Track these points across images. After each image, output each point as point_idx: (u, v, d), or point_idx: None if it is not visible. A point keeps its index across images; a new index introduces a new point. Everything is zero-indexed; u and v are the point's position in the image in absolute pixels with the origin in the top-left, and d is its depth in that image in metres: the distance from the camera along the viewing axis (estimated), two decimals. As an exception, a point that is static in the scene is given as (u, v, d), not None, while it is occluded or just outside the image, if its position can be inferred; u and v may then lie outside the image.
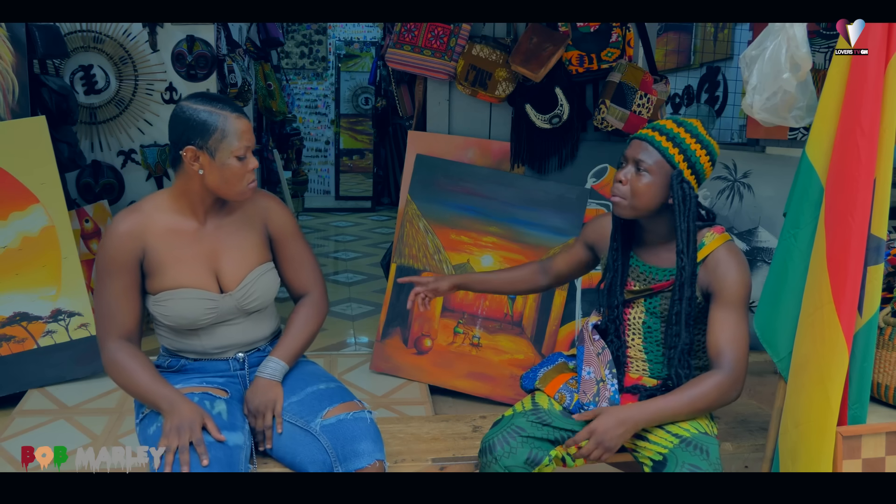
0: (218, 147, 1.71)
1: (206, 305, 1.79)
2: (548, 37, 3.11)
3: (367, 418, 1.78)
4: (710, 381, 1.70)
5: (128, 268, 1.76)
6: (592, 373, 1.84)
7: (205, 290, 1.79)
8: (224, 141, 1.71)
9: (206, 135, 1.70)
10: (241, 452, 1.69)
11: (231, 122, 1.71)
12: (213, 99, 1.75)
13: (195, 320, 1.81)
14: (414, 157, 3.29)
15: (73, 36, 4.15)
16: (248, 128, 1.75)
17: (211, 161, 1.71)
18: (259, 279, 1.85)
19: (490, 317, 3.18)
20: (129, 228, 1.75)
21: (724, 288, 1.73)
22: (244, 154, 1.73)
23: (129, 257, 1.75)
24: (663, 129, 1.75)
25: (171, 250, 1.78)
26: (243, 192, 1.78)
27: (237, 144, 1.71)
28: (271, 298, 1.91)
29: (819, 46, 2.81)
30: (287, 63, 9.06)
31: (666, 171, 1.73)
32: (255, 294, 1.84)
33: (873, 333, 1.64)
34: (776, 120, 1.95)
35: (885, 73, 1.54)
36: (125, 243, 1.74)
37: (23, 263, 3.04)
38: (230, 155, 1.72)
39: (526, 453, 1.77)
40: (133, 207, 1.81)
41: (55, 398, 2.90)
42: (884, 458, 1.66)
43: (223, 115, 1.71)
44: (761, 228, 3.28)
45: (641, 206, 1.75)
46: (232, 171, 1.73)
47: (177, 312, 1.79)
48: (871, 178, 1.55)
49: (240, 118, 1.73)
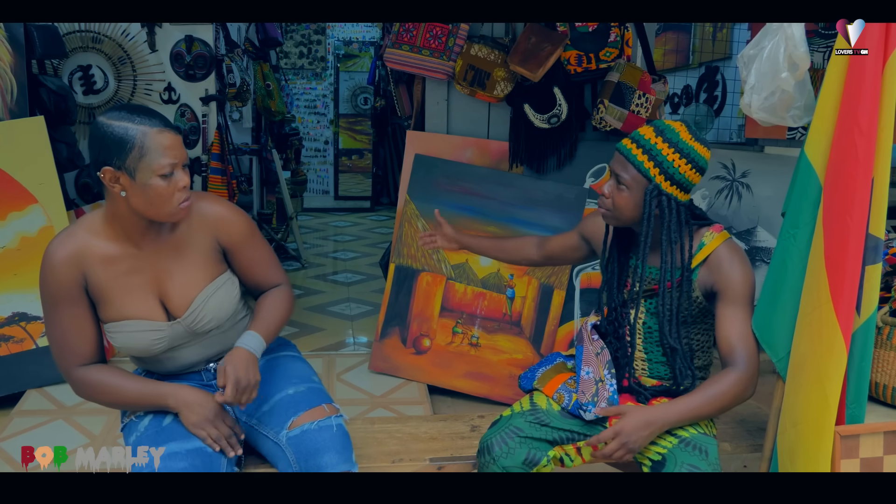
0: (137, 166, 1.56)
1: (153, 336, 1.71)
2: (546, 36, 3.11)
3: (333, 425, 1.70)
4: (729, 379, 1.71)
5: (73, 296, 1.65)
6: (591, 373, 1.84)
7: (150, 321, 1.69)
8: (143, 159, 1.55)
9: (123, 153, 1.55)
10: (220, 459, 1.66)
11: (151, 138, 1.56)
12: (133, 111, 1.59)
13: (146, 350, 1.73)
14: (412, 157, 3.29)
15: (72, 36, 4.14)
16: (173, 142, 1.60)
17: (132, 182, 1.57)
18: (209, 300, 1.73)
19: (489, 317, 3.18)
20: (65, 257, 1.63)
21: (730, 285, 1.74)
22: (170, 171, 1.58)
23: (72, 286, 1.65)
24: (641, 140, 1.73)
25: (110, 279, 1.67)
26: (174, 213, 1.64)
27: (160, 162, 1.56)
28: (229, 313, 1.79)
29: (817, 46, 2.81)
30: (286, 63, 9.06)
31: (643, 185, 1.73)
32: (208, 316, 1.74)
33: (871, 333, 1.64)
34: (774, 119, 1.95)
35: (882, 72, 1.54)
36: (65, 273, 1.63)
37: (21, 263, 3.04)
38: (152, 174, 1.56)
39: (524, 454, 1.77)
40: (67, 233, 1.68)
41: (54, 398, 2.90)
42: (882, 458, 1.66)
43: (141, 130, 1.56)
44: (760, 228, 3.28)
45: (625, 218, 1.77)
46: (156, 192, 1.58)
47: (125, 345, 1.72)
48: (869, 178, 1.55)
49: (162, 132, 1.58)
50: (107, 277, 1.66)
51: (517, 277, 3.17)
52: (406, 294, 3.22)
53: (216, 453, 1.65)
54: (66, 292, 1.64)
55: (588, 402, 1.81)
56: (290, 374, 1.85)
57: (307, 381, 1.84)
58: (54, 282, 1.64)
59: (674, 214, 1.73)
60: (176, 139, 1.61)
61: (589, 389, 1.83)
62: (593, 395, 1.82)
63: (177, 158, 1.60)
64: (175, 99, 4.32)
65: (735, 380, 1.71)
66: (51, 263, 1.64)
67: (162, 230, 1.70)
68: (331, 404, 1.77)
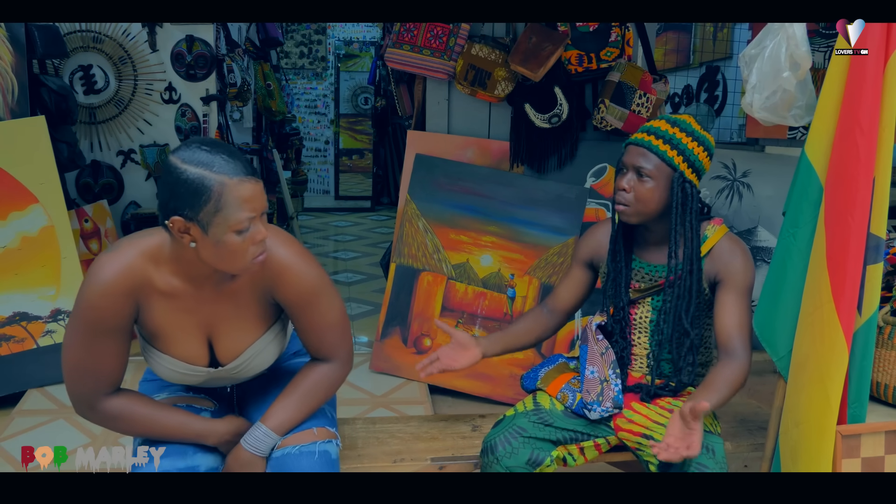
0: (211, 221, 1.38)
1: (190, 379, 1.64)
2: (547, 36, 3.11)
3: (316, 452, 1.58)
4: (733, 367, 1.71)
5: (119, 326, 1.50)
6: (596, 372, 1.84)
7: (191, 366, 1.61)
8: (219, 214, 1.38)
9: (197, 205, 1.37)
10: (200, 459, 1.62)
11: (230, 191, 1.37)
12: (213, 152, 1.39)
13: (178, 383, 1.69)
14: (413, 157, 3.29)
15: (73, 36, 4.15)
16: (254, 193, 1.40)
17: (203, 235, 1.40)
18: (257, 356, 1.65)
19: (489, 316, 3.18)
20: (120, 284, 1.46)
21: (732, 274, 1.76)
22: (247, 227, 1.40)
23: (121, 315, 1.49)
24: (658, 131, 1.76)
25: (164, 314, 1.54)
26: (246, 268, 1.47)
27: (237, 217, 1.38)
28: (268, 365, 1.71)
29: (818, 46, 2.81)
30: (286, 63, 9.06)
31: (667, 174, 1.74)
32: (253, 369, 1.67)
33: (872, 332, 1.64)
34: (775, 119, 1.95)
35: (884, 72, 1.54)
36: (117, 301, 1.47)
37: (22, 263, 3.04)
38: (227, 230, 1.39)
39: (528, 454, 1.77)
40: (123, 251, 1.49)
41: (55, 398, 2.90)
42: (883, 457, 1.67)
43: (219, 181, 1.36)
44: (761, 228, 3.28)
45: (647, 212, 1.77)
46: (230, 249, 1.41)
47: (159, 372, 1.64)
48: (871, 177, 1.55)
49: (242, 182, 1.38)
50: (161, 311, 1.53)
51: (518, 277, 3.16)
52: (407, 294, 3.21)
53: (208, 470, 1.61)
54: (112, 321, 1.48)
55: (593, 401, 1.81)
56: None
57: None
58: (102, 308, 1.46)
59: (696, 202, 1.75)
60: (257, 188, 1.41)
61: (594, 389, 1.83)
62: (598, 394, 1.82)
63: (255, 211, 1.41)
64: (176, 99, 4.32)
65: (739, 370, 1.71)
66: (102, 287, 1.45)
67: (225, 276, 1.55)
68: (323, 428, 1.65)
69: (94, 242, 3.60)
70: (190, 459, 1.60)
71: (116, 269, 1.46)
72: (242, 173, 1.39)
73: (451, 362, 1.82)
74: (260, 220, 1.44)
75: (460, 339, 1.86)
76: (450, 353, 1.84)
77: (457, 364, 1.82)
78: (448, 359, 1.83)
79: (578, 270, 1.99)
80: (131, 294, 1.48)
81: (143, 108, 4.31)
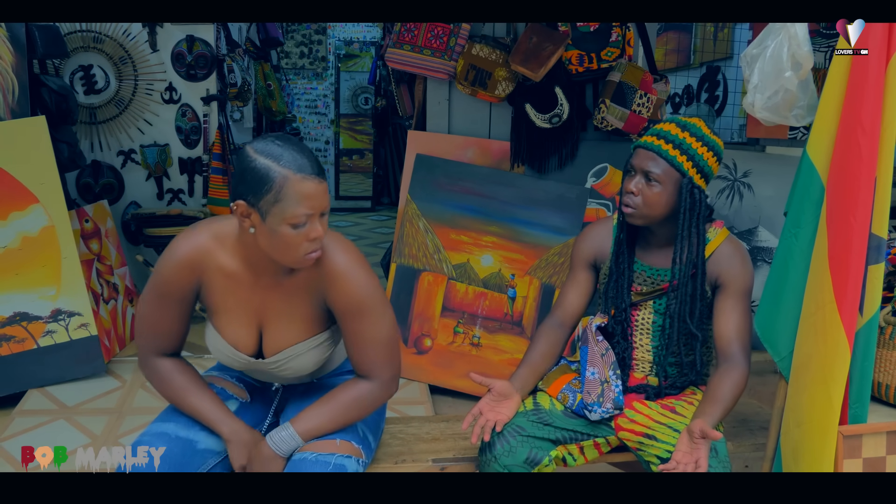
0: (270, 210, 1.47)
1: (235, 363, 1.73)
2: (547, 36, 3.11)
3: (332, 463, 1.59)
4: (735, 376, 1.73)
5: (182, 295, 1.65)
6: (597, 373, 1.84)
7: (237, 351, 1.69)
8: (277, 205, 1.46)
9: (259, 193, 1.46)
10: (208, 457, 1.65)
11: (291, 185, 1.45)
12: (284, 146, 1.49)
13: (225, 364, 1.76)
14: (414, 157, 3.29)
15: (73, 36, 4.15)
16: (315, 191, 1.47)
17: (261, 223, 1.49)
18: (298, 357, 1.69)
19: (490, 316, 3.18)
20: (188, 258, 1.61)
21: (732, 279, 1.78)
22: (303, 222, 1.48)
23: (185, 286, 1.64)
24: (668, 135, 1.75)
25: (221, 294, 1.65)
26: (298, 262, 1.55)
27: (293, 211, 1.46)
28: (314, 369, 1.75)
29: (819, 46, 2.81)
30: (287, 63, 9.06)
31: (675, 179, 1.74)
32: (291, 369, 1.71)
33: (874, 333, 1.64)
34: (777, 119, 1.95)
35: (885, 72, 1.54)
36: (183, 272, 1.62)
37: (22, 263, 3.04)
38: (283, 222, 1.47)
39: (525, 453, 1.76)
40: (199, 231, 1.64)
41: (55, 398, 2.90)
42: (884, 458, 1.66)
43: (283, 174, 1.45)
44: (761, 228, 3.28)
45: (654, 216, 1.77)
46: (283, 240, 1.49)
47: (211, 348, 1.73)
48: (873, 177, 1.55)
49: (305, 179, 1.46)
50: (219, 290, 1.65)
51: (518, 277, 3.16)
52: (407, 294, 3.21)
53: (206, 451, 1.65)
54: (176, 289, 1.64)
55: (593, 402, 1.81)
56: None
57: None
58: (170, 275, 1.63)
59: (703, 207, 1.76)
60: (319, 188, 1.49)
61: (594, 390, 1.83)
62: (599, 395, 1.82)
63: (314, 209, 1.48)
64: (176, 99, 4.32)
65: (740, 378, 1.73)
66: (174, 257, 1.62)
67: (283, 269, 1.62)
68: (348, 442, 1.65)
69: (94, 242, 3.60)
70: (193, 433, 1.65)
71: (187, 247, 1.62)
72: (307, 171, 1.47)
73: (498, 416, 1.77)
74: (318, 219, 1.51)
75: (499, 388, 1.79)
76: (493, 406, 1.79)
77: (504, 416, 1.77)
78: (493, 413, 1.77)
79: (582, 273, 1.95)
80: (195, 269, 1.62)
81: (144, 108, 4.31)
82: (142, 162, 4.32)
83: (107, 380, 3.07)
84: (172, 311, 1.66)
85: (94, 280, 3.47)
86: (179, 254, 1.62)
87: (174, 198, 4.45)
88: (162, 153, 4.35)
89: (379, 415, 1.85)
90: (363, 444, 1.70)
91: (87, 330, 3.09)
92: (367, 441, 1.73)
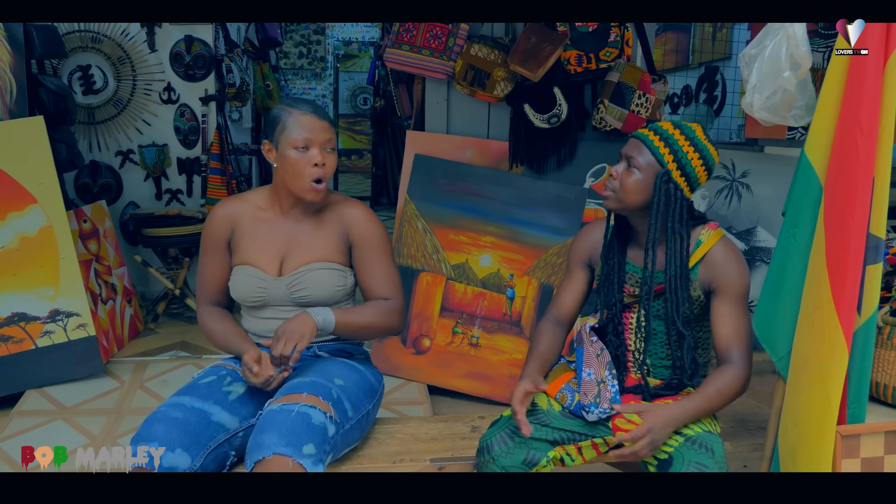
0: (279, 139, 1.85)
1: (257, 284, 1.91)
2: (546, 36, 3.11)
3: (294, 410, 1.67)
4: (728, 376, 1.73)
5: (218, 247, 1.96)
6: (593, 374, 1.84)
7: (260, 270, 1.91)
8: (284, 132, 1.84)
9: (273, 128, 1.86)
10: (218, 432, 1.74)
11: (294, 116, 1.84)
12: (298, 101, 1.89)
13: (246, 297, 1.93)
14: (412, 157, 3.29)
15: (71, 36, 4.15)
16: (312, 123, 1.84)
17: (276, 153, 1.86)
18: (311, 272, 1.91)
19: (488, 317, 3.18)
20: (224, 212, 1.96)
21: (727, 282, 1.77)
22: (303, 145, 1.83)
23: (220, 237, 1.95)
24: (658, 129, 1.78)
25: (250, 232, 1.94)
26: (306, 189, 1.86)
27: (294, 136, 1.82)
28: (324, 296, 1.93)
29: (817, 46, 2.81)
30: (285, 63, 9.06)
31: (655, 171, 1.75)
32: (304, 285, 1.91)
33: (872, 332, 1.64)
34: (776, 119, 1.95)
35: (883, 72, 1.54)
36: (218, 225, 1.95)
37: (21, 264, 3.04)
38: (289, 146, 1.83)
39: (523, 453, 1.76)
40: (237, 195, 2.03)
41: (53, 399, 2.90)
42: (882, 458, 1.66)
43: (289, 111, 1.85)
44: (760, 228, 3.28)
45: (628, 202, 1.77)
46: (290, 162, 1.84)
47: (234, 286, 1.94)
48: (871, 178, 1.55)
49: (304, 114, 1.84)
50: (248, 230, 1.94)
51: (517, 277, 3.16)
52: (406, 294, 3.21)
53: (217, 424, 1.74)
54: (215, 242, 1.96)
55: (590, 403, 1.81)
56: (320, 368, 1.88)
57: (325, 377, 1.83)
58: (209, 229, 1.96)
59: (679, 206, 1.75)
60: (316, 122, 1.85)
61: (591, 391, 1.82)
62: (595, 396, 1.82)
63: (312, 135, 1.83)
64: (174, 99, 4.32)
65: (735, 377, 1.74)
66: (212, 214, 1.97)
67: (308, 209, 1.95)
68: (315, 396, 1.74)
69: (92, 243, 3.59)
70: (208, 406, 1.77)
71: (222, 207, 1.99)
72: (308, 110, 1.86)
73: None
74: (320, 150, 1.85)
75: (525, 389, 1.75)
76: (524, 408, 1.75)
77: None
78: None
79: (578, 273, 1.98)
80: (228, 221, 1.96)
81: (142, 109, 4.31)
82: (140, 162, 4.32)
83: (105, 380, 3.07)
84: (211, 261, 1.98)
85: (93, 280, 3.47)
86: (217, 210, 1.97)
87: (172, 198, 4.45)
88: (160, 153, 4.35)
89: (363, 392, 1.92)
90: (335, 405, 1.78)
91: (86, 330, 3.08)
92: (342, 406, 1.82)
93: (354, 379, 1.91)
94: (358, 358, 2.05)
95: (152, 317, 4.05)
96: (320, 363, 1.92)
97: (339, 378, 1.86)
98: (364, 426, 1.94)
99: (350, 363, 1.97)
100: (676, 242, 1.77)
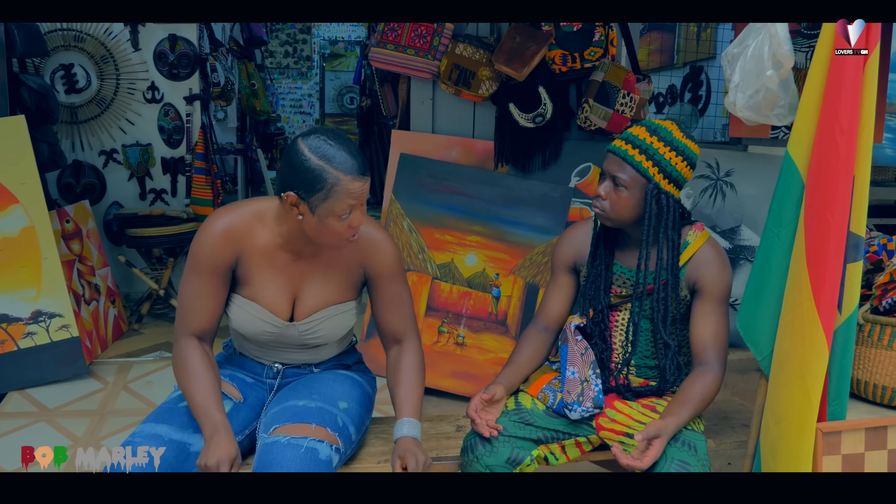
0: (319, 205, 1.59)
1: (267, 329, 1.77)
2: (531, 36, 3.11)
3: (303, 447, 1.62)
4: (709, 381, 1.74)
5: (218, 271, 1.71)
6: (576, 373, 1.85)
7: (273, 315, 1.76)
8: (327, 201, 1.59)
9: (312, 190, 1.58)
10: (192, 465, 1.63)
11: (342, 185, 1.58)
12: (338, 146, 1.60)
13: (251, 335, 1.79)
14: (398, 157, 3.29)
15: (54, 35, 4.11)
16: (362, 189, 1.61)
17: (310, 214, 1.61)
18: (329, 319, 1.80)
19: (474, 316, 3.18)
20: (226, 230, 1.69)
21: (709, 284, 1.78)
22: (348, 213, 1.62)
23: (220, 260, 1.70)
24: (636, 140, 1.75)
25: (259, 269, 1.74)
26: (338, 245, 1.71)
27: (341, 206, 1.60)
28: (338, 337, 1.86)
29: (800, 46, 2.83)
30: (271, 62, 9.03)
31: (642, 184, 1.74)
32: (320, 332, 1.81)
33: (852, 330, 1.65)
34: (759, 118, 1.96)
35: (863, 71, 1.55)
36: (219, 245, 1.69)
37: (2, 264, 3.01)
38: (330, 214, 1.60)
39: (507, 452, 1.76)
40: (235, 208, 1.74)
41: (35, 400, 2.87)
42: (863, 454, 1.67)
43: (335, 176, 1.57)
44: (744, 227, 3.30)
45: (622, 219, 1.78)
46: (329, 230, 1.63)
47: (239, 320, 1.77)
48: (850, 176, 1.56)
49: (355, 180, 1.59)
50: (257, 266, 1.73)
51: (503, 277, 3.17)
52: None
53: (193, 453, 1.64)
54: (210, 263, 1.69)
55: (573, 401, 1.82)
56: (323, 389, 1.82)
57: (329, 400, 1.78)
58: (205, 248, 1.69)
59: (672, 212, 1.75)
60: (365, 186, 1.63)
61: (574, 389, 1.83)
62: (579, 394, 1.82)
63: (357, 200, 1.62)
64: (158, 98, 4.30)
65: (714, 382, 1.75)
66: (210, 231, 1.69)
67: (321, 246, 1.74)
68: (323, 428, 1.69)
69: (75, 243, 3.57)
70: (186, 436, 1.66)
71: (226, 221, 1.71)
72: (356, 172, 1.59)
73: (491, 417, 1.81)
74: (359, 208, 1.64)
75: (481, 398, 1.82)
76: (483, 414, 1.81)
77: (493, 418, 1.81)
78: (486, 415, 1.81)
79: (564, 277, 1.96)
80: (232, 243, 1.70)
81: (126, 108, 4.28)
82: (124, 162, 4.30)
83: (88, 381, 3.05)
84: (202, 285, 1.71)
85: (76, 281, 3.45)
86: (218, 227, 1.69)
87: (157, 198, 4.42)
88: (144, 153, 4.32)
89: (364, 409, 1.90)
90: (340, 433, 1.72)
91: (68, 331, 3.06)
92: (347, 432, 1.77)
93: (357, 397, 1.87)
94: (355, 367, 2.00)
95: (136, 317, 4.03)
96: (322, 381, 1.86)
97: (343, 400, 1.82)
98: (361, 439, 1.92)
99: (350, 376, 1.92)
100: (668, 248, 1.77)
